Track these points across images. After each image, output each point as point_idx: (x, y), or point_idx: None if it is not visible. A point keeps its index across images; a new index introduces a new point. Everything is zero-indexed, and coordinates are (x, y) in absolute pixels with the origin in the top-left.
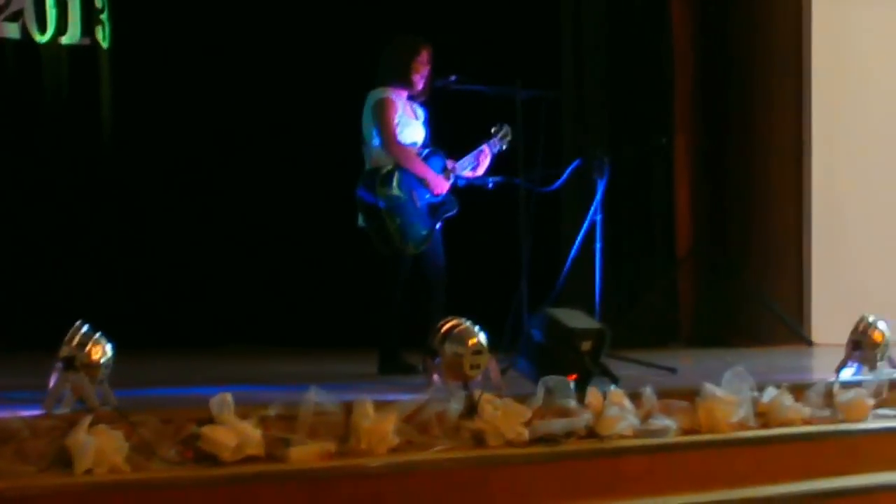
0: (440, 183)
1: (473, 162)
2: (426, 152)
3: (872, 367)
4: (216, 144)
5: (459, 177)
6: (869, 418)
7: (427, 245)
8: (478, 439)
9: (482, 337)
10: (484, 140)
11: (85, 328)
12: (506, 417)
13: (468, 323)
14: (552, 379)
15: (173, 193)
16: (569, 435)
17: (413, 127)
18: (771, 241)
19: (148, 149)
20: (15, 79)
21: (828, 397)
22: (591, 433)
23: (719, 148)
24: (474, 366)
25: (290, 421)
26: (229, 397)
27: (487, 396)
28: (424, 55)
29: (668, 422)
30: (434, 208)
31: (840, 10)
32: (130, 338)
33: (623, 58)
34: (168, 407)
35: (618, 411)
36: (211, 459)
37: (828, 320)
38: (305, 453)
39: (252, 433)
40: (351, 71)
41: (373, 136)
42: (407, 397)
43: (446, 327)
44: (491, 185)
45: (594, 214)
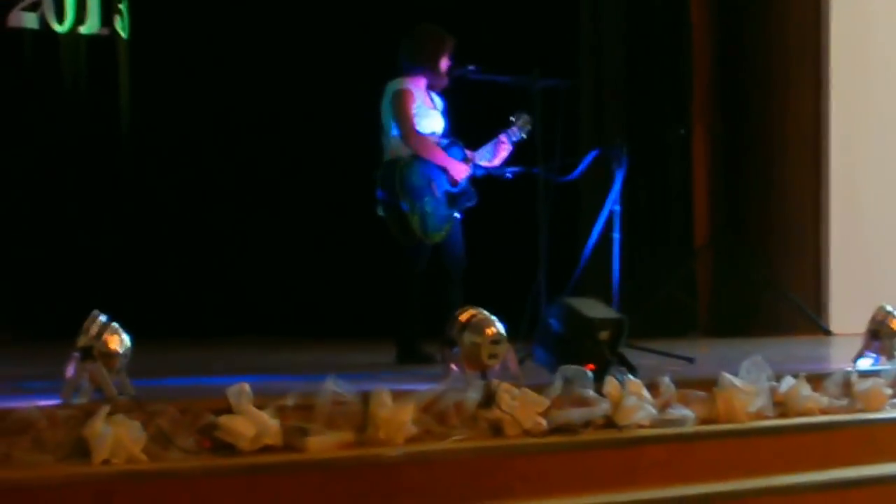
0: (460, 169)
1: (492, 151)
2: (445, 142)
3: (890, 357)
4: (235, 134)
5: (478, 166)
6: (886, 408)
7: (446, 235)
8: (495, 429)
9: (500, 326)
10: (502, 129)
11: (102, 318)
12: (523, 407)
13: (486, 313)
14: (570, 368)
15: (192, 183)
16: (587, 425)
17: (432, 117)
18: (789, 231)
19: (167, 139)
20: (34, 69)
21: (846, 387)
22: (609, 423)
23: (737, 138)
24: (492, 355)
25: (308, 411)
26: (247, 387)
27: (505, 386)
28: (447, 47)
29: (686, 411)
30: (453, 198)
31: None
32: (148, 327)
33: (641, 47)
34: (185, 397)
35: (636, 401)
36: (228, 449)
37: (846, 310)
38: (323, 443)
39: (270, 423)
40: (370, 60)
41: (391, 127)
42: (425, 387)
43: (464, 317)
44: (509, 175)
45: (612, 204)
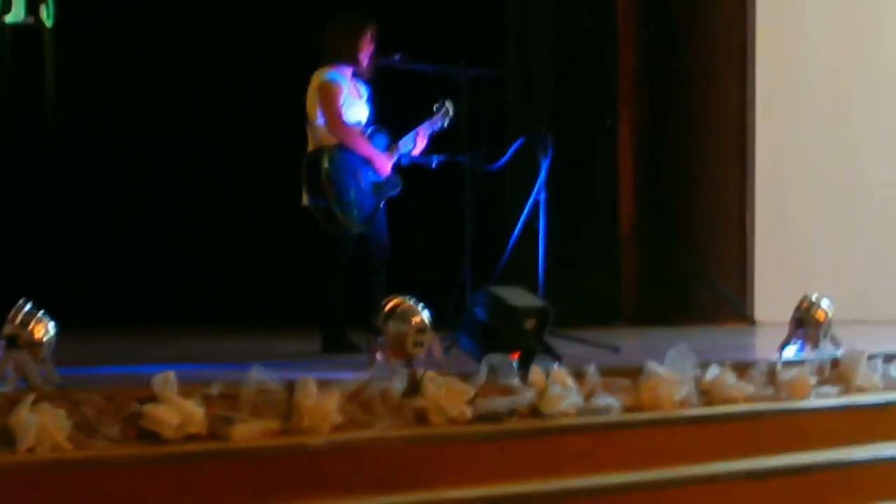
0: (384, 163)
1: (415, 140)
2: (370, 131)
3: (815, 346)
4: (161, 122)
5: (403, 155)
6: (811, 397)
7: (371, 224)
8: (420, 417)
9: (425, 315)
10: (426, 118)
11: (28, 306)
12: (449, 396)
13: (411, 301)
14: (495, 357)
15: (117, 172)
16: (512, 413)
17: (357, 106)
18: (714, 220)
19: (93, 127)
20: None
21: (770, 376)
22: (535, 411)
23: (663, 127)
24: (417, 344)
25: (233, 399)
26: (172, 375)
27: (430, 375)
28: (369, 33)
29: (612, 400)
30: (378, 187)
31: None
32: (74, 316)
33: (567, 37)
34: (111, 385)
35: (561, 390)
36: (154, 437)
37: (771, 299)
38: (248, 431)
39: (195, 411)
40: (295, 50)
41: (317, 116)
42: (350, 375)
43: (390, 306)
44: (435, 164)
45: (538, 193)
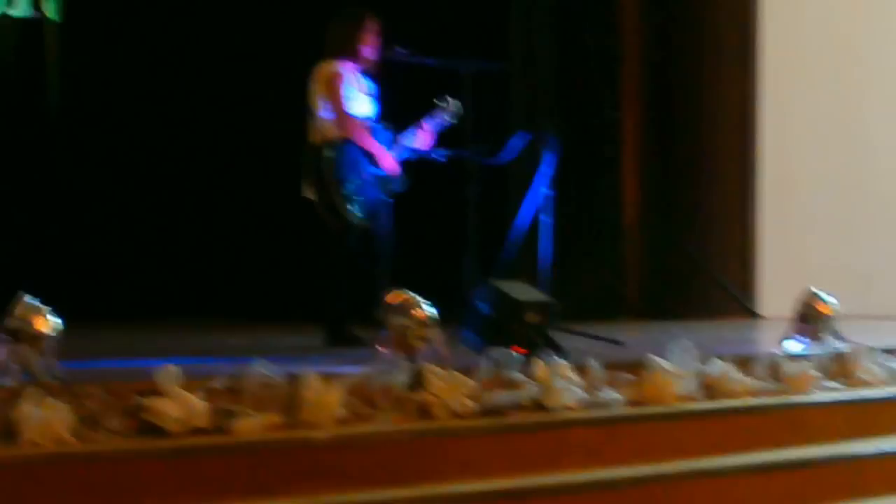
0: (388, 160)
1: (419, 135)
2: (375, 126)
3: (818, 340)
4: (165, 117)
5: (407, 149)
6: (814, 391)
7: (375, 218)
8: (424, 411)
9: (429, 309)
10: (428, 112)
11: (30, 300)
12: (452, 390)
13: (415, 295)
14: (499, 351)
15: (122, 166)
16: (515, 407)
17: (362, 100)
18: (719, 214)
19: (96, 123)
20: None
21: (773, 370)
22: (538, 405)
23: (667, 122)
24: (421, 338)
25: (236, 393)
26: (175, 369)
27: (433, 369)
28: (371, 27)
29: (615, 394)
30: (382, 181)
31: None
32: (77, 310)
33: (572, 32)
34: (113, 379)
35: (564, 384)
36: (156, 431)
37: (775, 293)
38: (251, 425)
39: (198, 405)
40: (298, 43)
41: (321, 108)
42: (353, 370)
43: (393, 300)
44: (440, 158)
45: (542, 187)
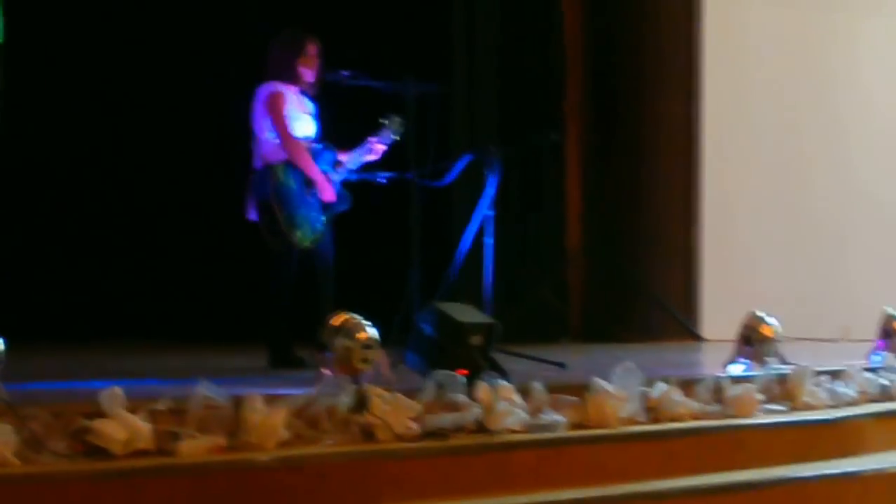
0: (328, 190)
1: (363, 155)
2: (318, 147)
3: (762, 363)
4: (108, 139)
5: (350, 170)
6: (757, 413)
7: (317, 239)
8: (367, 433)
9: (373, 331)
10: (374, 132)
11: None
12: (395, 412)
13: (358, 317)
14: (442, 373)
15: (65, 188)
16: (458, 429)
17: (303, 121)
18: (661, 237)
19: (40, 143)
20: None
21: (717, 392)
22: (481, 428)
23: (610, 143)
24: (364, 360)
25: (180, 415)
26: (119, 391)
27: (377, 391)
28: (310, 50)
29: (558, 417)
30: (324, 203)
31: (732, 5)
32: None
33: (514, 53)
34: (58, 401)
35: (507, 406)
36: (101, 453)
37: (718, 316)
38: (195, 447)
39: (142, 427)
40: (240, 65)
41: (263, 130)
42: (297, 391)
43: (336, 321)
44: (382, 180)
45: (484, 209)
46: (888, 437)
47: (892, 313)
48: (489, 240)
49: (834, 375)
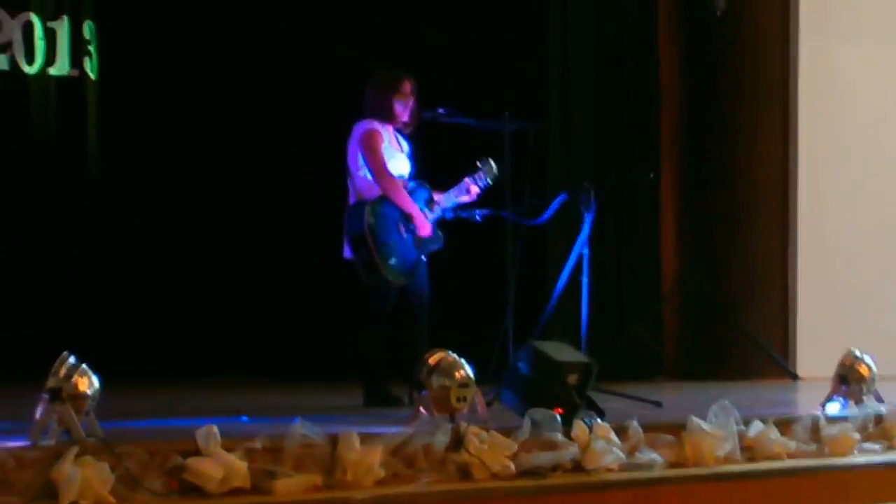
0: (424, 223)
1: (458, 195)
2: (412, 185)
3: (858, 402)
4: (203, 176)
5: (445, 209)
6: (854, 453)
7: (412, 277)
8: (464, 472)
9: (469, 369)
10: (469, 173)
11: (71, 359)
12: (492, 450)
13: (455, 355)
14: (538, 412)
15: (160, 224)
16: (555, 468)
17: (398, 159)
18: (757, 275)
19: (136, 180)
20: (3, 110)
21: (814, 432)
22: (577, 467)
23: (705, 180)
24: (461, 398)
25: (277, 453)
26: (215, 429)
27: (474, 429)
28: (406, 88)
29: (655, 455)
30: (420, 240)
31: (827, 45)
32: (117, 369)
33: (610, 90)
34: (154, 439)
35: (604, 445)
36: (196, 491)
37: (814, 354)
38: (291, 486)
39: (238, 465)
40: (337, 103)
41: (359, 167)
42: (393, 430)
43: (433, 360)
44: (478, 218)
45: (581, 247)
46: None
47: None
48: (585, 278)
49: None
